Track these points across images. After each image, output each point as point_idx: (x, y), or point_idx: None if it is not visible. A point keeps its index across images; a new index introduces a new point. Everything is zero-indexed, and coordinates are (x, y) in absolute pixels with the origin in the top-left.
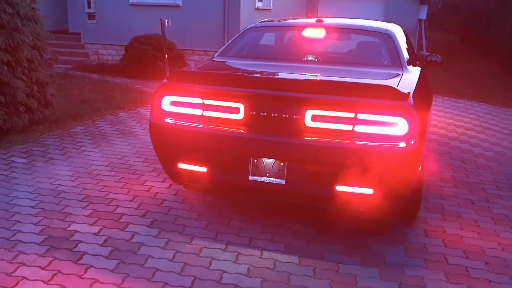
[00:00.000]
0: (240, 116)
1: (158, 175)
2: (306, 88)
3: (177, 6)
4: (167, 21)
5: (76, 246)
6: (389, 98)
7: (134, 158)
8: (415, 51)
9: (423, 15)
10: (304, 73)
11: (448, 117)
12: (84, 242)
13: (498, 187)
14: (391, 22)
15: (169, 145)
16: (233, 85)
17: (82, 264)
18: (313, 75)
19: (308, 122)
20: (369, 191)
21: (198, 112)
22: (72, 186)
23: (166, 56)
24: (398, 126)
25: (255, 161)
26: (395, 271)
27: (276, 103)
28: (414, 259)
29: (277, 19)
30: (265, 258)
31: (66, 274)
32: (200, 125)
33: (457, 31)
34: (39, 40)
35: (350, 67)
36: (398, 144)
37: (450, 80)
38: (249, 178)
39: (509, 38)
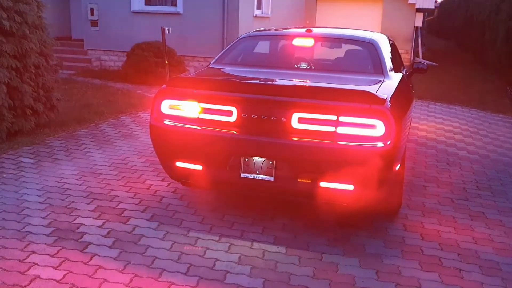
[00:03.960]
0: (233, 118)
1: (158, 175)
2: (292, 93)
3: (177, 14)
4: (168, 29)
5: (81, 237)
6: (367, 102)
7: (135, 159)
8: (401, 59)
9: (419, 22)
10: (292, 79)
11: (438, 122)
12: (89, 234)
13: (478, 187)
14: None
15: (167, 145)
16: (226, 90)
17: (87, 252)
18: (300, 81)
19: (295, 124)
20: (350, 187)
21: (194, 114)
22: (77, 184)
23: (167, 62)
24: (376, 128)
25: (246, 159)
26: (373, 260)
27: (265, 107)
28: (392, 250)
29: (270, 29)
30: (255, 249)
31: (73, 261)
32: (196, 127)
33: (455, 38)
34: (46, 47)
35: (336, 73)
36: (376, 144)
37: (444, 86)
38: (241, 175)
39: (502, 45)
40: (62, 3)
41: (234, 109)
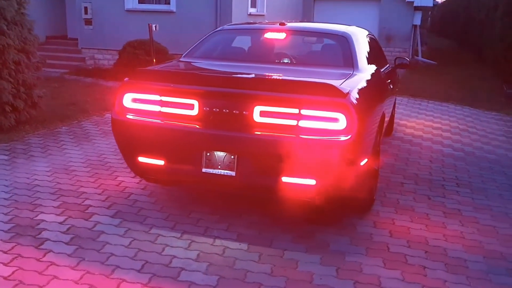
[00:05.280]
0: (195, 112)
1: (131, 172)
2: (254, 86)
3: (170, 12)
4: (155, 26)
5: (39, 233)
6: (329, 95)
7: (111, 155)
8: (382, 53)
9: (417, 21)
10: (257, 73)
11: (428, 119)
12: (48, 230)
13: (458, 184)
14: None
15: (129, 139)
16: (187, 83)
17: (42, 249)
18: (264, 74)
19: (257, 117)
20: (312, 182)
21: (156, 108)
22: (47, 181)
23: (154, 60)
24: (338, 121)
25: (208, 154)
26: (336, 258)
27: (227, 100)
28: (357, 247)
29: (246, 23)
30: (216, 245)
31: (26, 257)
32: (158, 121)
33: (456, 37)
34: (27, 44)
35: (305, 67)
36: (338, 138)
37: (440, 84)
38: (202, 170)
39: (499, 42)
40: (58, 2)
41: (195, 103)
